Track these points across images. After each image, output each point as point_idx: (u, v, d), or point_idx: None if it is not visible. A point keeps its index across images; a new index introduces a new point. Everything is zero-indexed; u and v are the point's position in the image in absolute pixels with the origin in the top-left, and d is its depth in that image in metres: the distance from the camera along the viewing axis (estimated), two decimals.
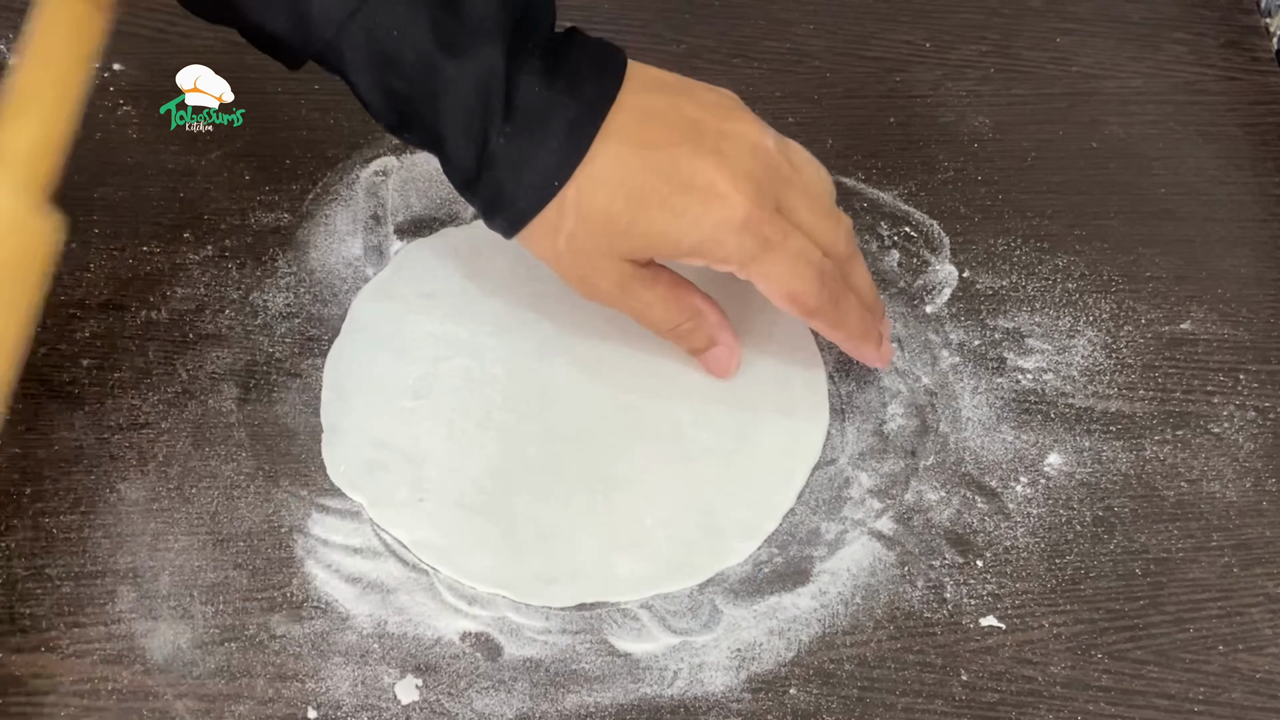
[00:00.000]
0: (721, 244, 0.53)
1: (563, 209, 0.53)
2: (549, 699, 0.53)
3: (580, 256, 0.54)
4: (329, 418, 0.60)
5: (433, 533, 0.57)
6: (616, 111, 0.53)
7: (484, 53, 0.51)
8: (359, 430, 0.59)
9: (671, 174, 0.53)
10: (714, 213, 0.53)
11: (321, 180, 0.67)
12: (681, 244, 0.53)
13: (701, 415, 0.60)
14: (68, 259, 0.63)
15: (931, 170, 0.70)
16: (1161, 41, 0.76)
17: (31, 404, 0.59)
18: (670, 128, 0.53)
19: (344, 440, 0.59)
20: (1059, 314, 0.65)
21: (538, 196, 0.53)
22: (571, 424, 0.60)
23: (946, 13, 0.77)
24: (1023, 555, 0.58)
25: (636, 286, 0.55)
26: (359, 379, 0.61)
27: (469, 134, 0.52)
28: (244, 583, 0.56)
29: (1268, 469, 0.61)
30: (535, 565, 0.56)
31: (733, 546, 0.57)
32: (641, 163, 0.53)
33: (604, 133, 0.52)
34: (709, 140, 0.53)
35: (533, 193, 0.53)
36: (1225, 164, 0.71)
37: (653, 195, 0.53)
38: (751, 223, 0.53)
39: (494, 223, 0.55)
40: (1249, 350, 0.65)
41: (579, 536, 0.57)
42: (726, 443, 0.60)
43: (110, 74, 0.70)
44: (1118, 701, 0.55)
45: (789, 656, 0.55)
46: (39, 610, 0.54)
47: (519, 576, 0.56)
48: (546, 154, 0.52)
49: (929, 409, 0.62)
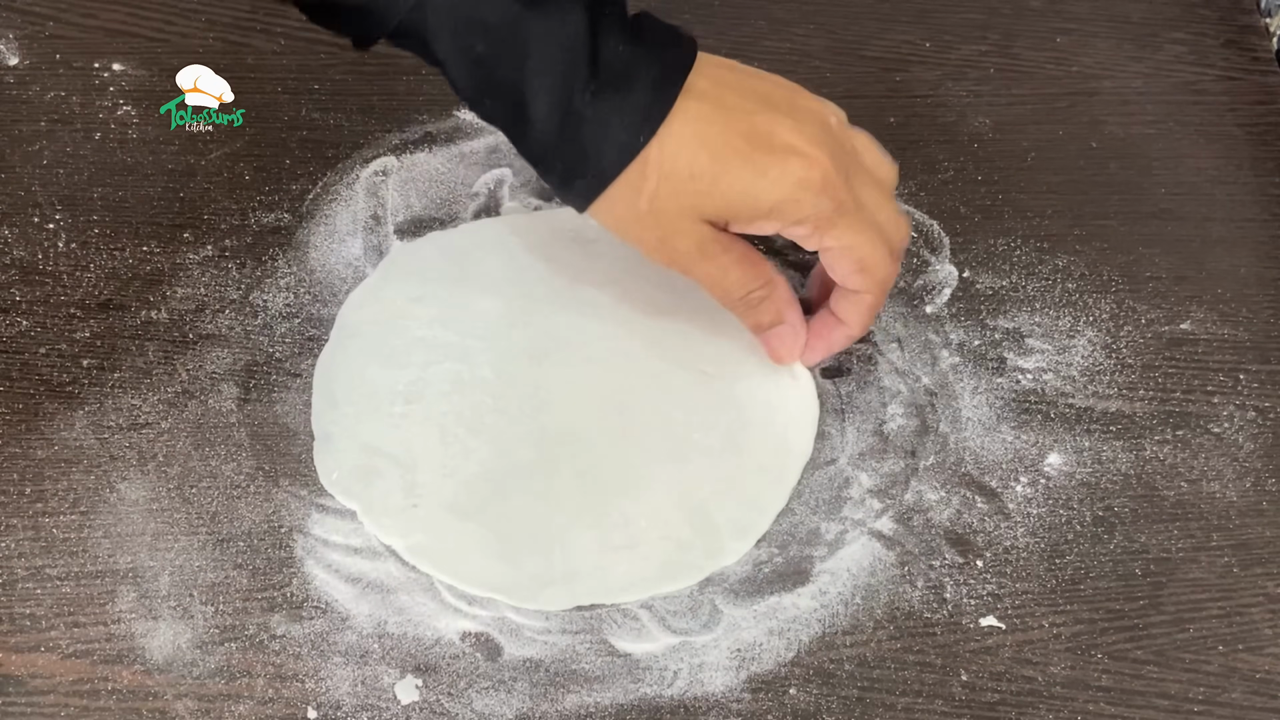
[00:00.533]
0: (800, 203, 0.54)
1: (645, 168, 0.53)
2: (549, 699, 0.53)
3: (662, 218, 0.54)
4: (320, 425, 0.59)
5: (427, 538, 0.56)
6: (696, 77, 0.54)
7: (568, 10, 0.52)
8: (350, 437, 0.59)
9: (752, 134, 0.53)
10: (794, 171, 0.53)
11: (321, 180, 0.67)
12: (762, 202, 0.54)
13: (693, 415, 0.60)
14: (68, 259, 0.64)
15: (931, 170, 0.70)
16: (1161, 41, 0.76)
17: (31, 404, 0.59)
18: (745, 95, 0.54)
19: (336, 447, 0.59)
20: (1059, 314, 0.65)
21: (622, 154, 0.53)
22: (563, 426, 0.60)
23: (946, 13, 0.77)
24: (1023, 555, 0.58)
25: (715, 249, 0.55)
26: (348, 386, 0.60)
27: (554, 94, 0.52)
28: (244, 583, 0.56)
29: (1268, 469, 0.61)
30: (530, 568, 0.56)
31: (727, 546, 0.57)
32: (723, 122, 0.53)
33: (686, 92, 0.53)
34: (783, 107, 0.54)
35: (617, 150, 0.53)
36: (1225, 164, 0.71)
37: (735, 154, 0.53)
38: (830, 185, 0.54)
39: (573, 189, 0.55)
40: (1249, 350, 0.65)
41: (573, 539, 0.57)
42: (718, 442, 0.60)
43: (110, 74, 0.70)
44: (1118, 701, 0.55)
45: (789, 656, 0.55)
46: (39, 610, 0.54)
47: (514, 580, 0.56)
48: (631, 110, 0.53)
49: (929, 409, 0.62)
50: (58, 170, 0.66)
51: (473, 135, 0.68)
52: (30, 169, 0.66)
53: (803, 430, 0.60)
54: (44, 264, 0.63)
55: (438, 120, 0.69)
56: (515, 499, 0.58)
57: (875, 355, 0.63)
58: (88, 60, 0.70)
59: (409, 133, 0.69)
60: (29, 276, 0.63)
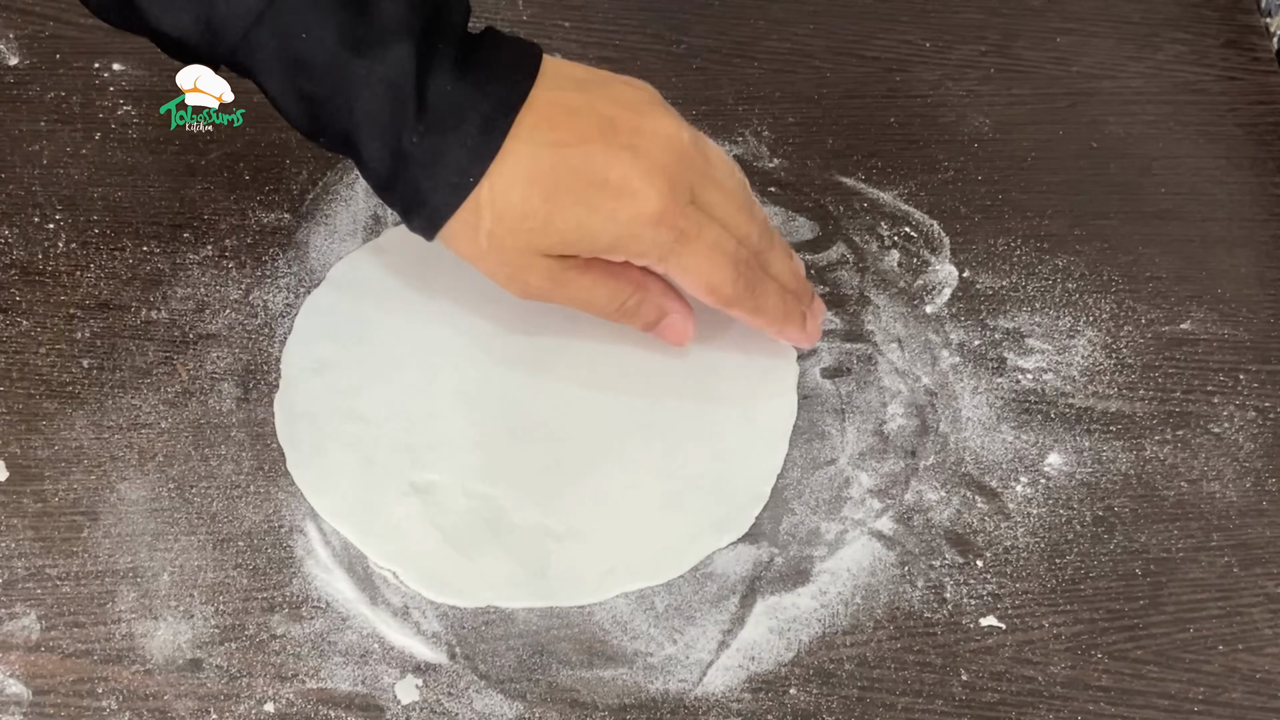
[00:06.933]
0: (638, 238, 0.53)
1: (478, 207, 0.53)
2: (549, 699, 0.53)
3: (504, 255, 0.54)
4: (295, 466, 0.59)
5: (412, 563, 0.56)
6: (529, 109, 0.53)
7: (393, 52, 0.51)
8: (326, 465, 0.59)
9: (584, 170, 0.53)
10: (628, 208, 0.53)
11: (321, 180, 0.67)
12: (599, 239, 0.53)
13: (667, 410, 0.60)
14: (68, 259, 0.64)
15: (931, 170, 0.70)
16: (1161, 41, 0.76)
17: (31, 404, 0.59)
18: (584, 124, 0.53)
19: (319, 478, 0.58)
20: (1059, 314, 0.65)
21: (453, 194, 0.53)
22: (538, 429, 0.60)
23: (946, 13, 0.77)
24: (1023, 555, 0.58)
25: (569, 275, 0.55)
26: (310, 425, 0.60)
27: (382, 135, 0.52)
28: (244, 583, 0.56)
29: (1268, 469, 0.61)
30: (517, 573, 0.56)
31: (710, 539, 0.57)
32: (555, 159, 0.53)
33: (516, 130, 0.52)
34: (622, 136, 0.53)
35: (448, 190, 0.53)
36: (1225, 164, 0.71)
37: (567, 191, 0.53)
38: (666, 217, 0.53)
39: (413, 224, 0.55)
40: (1249, 350, 0.65)
41: (557, 539, 0.57)
42: (695, 437, 0.60)
43: (110, 74, 0.70)
44: (1118, 701, 0.55)
45: (789, 656, 0.55)
46: (39, 610, 0.54)
47: (506, 586, 0.56)
48: (460, 151, 0.52)
49: (929, 409, 0.62)
50: (58, 170, 0.66)
51: None
52: (30, 169, 0.66)
53: (780, 422, 0.60)
54: (44, 264, 0.63)
55: None
56: (498, 507, 0.58)
57: (875, 355, 0.63)
58: (88, 60, 0.70)
59: None
60: (29, 276, 0.63)
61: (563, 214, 0.53)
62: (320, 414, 0.60)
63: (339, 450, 0.59)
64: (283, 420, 0.59)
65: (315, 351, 0.61)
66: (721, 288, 0.55)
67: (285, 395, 0.60)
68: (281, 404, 0.60)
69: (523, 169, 0.52)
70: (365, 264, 0.64)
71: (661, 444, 0.60)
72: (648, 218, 0.53)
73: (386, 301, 0.63)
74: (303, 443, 0.59)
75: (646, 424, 0.60)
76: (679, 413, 0.60)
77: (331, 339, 0.62)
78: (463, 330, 0.62)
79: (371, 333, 0.62)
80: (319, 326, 0.62)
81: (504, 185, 0.52)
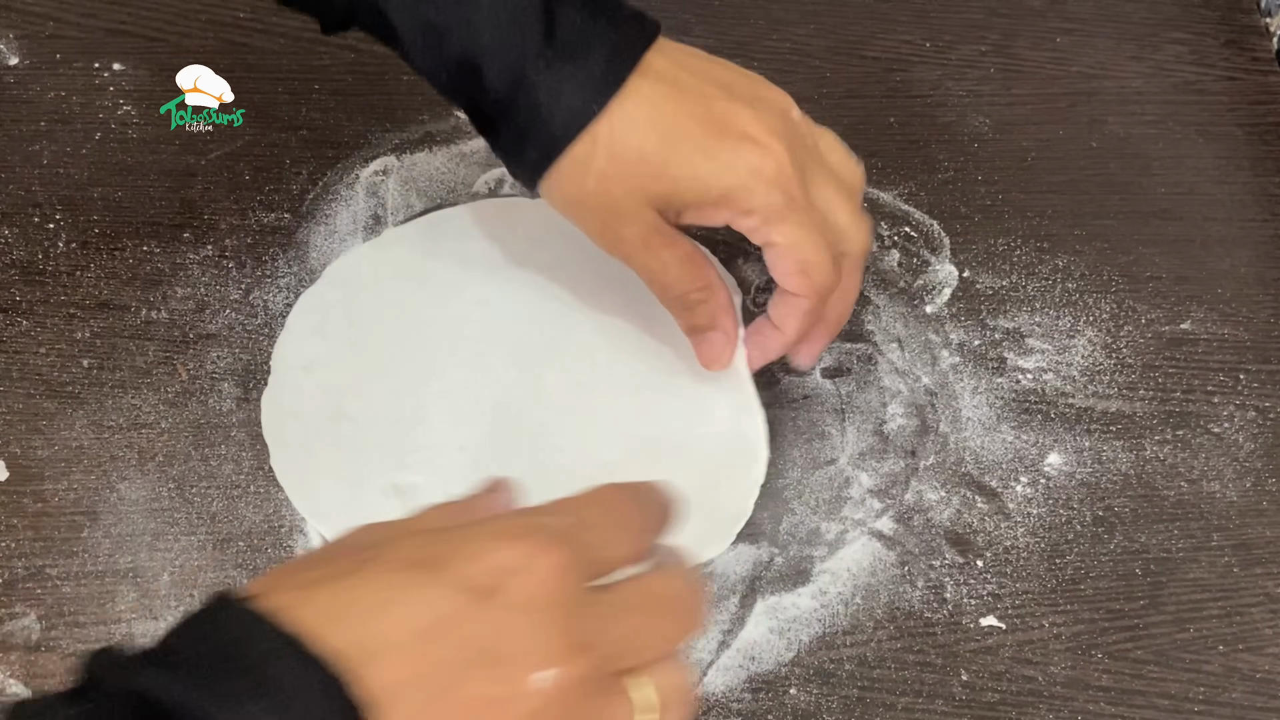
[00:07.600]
0: (751, 192, 0.52)
1: (595, 144, 0.52)
2: None
3: (608, 200, 0.53)
4: (279, 463, 0.59)
5: None
6: (654, 55, 0.53)
7: None
8: (311, 463, 0.58)
9: (706, 118, 0.52)
10: (747, 158, 0.52)
11: (321, 180, 0.67)
12: (712, 188, 0.52)
13: (653, 421, 0.60)
14: (68, 259, 0.64)
15: (931, 170, 0.70)
16: (1161, 41, 0.76)
17: (31, 404, 0.59)
18: (705, 80, 0.53)
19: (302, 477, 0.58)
20: (1059, 314, 0.65)
21: (573, 120, 0.52)
22: (523, 436, 0.59)
23: (946, 13, 0.77)
24: (1023, 555, 0.58)
25: (659, 242, 0.54)
26: (296, 423, 0.59)
27: (507, 60, 0.51)
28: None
29: (1268, 469, 0.61)
30: None
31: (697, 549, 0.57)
32: (677, 104, 0.52)
33: (641, 70, 0.52)
34: (743, 95, 0.53)
35: (568, 115, 0.52)
36: (1225, 164, 0.71)
37: (686, 137, 0.52)
38: (784, 177, 0.52)
39: (523, 159, 0.54)
40: (1249, 350, 0.65)
41: None
42: (679, 447, 0.59)
43: (110, 74, 0.70)
44: (1118, 701, 0.55)
45: (789, 656, 0.55)
46: (39, 610, 0.54)
47: None
48: (585, 78, 0.51)
49: (929, 409, 0.62)
50: (58, 170, 0.66)
51: (473, 135, 0.68)
52: (30, 169, 0.66)
53: (752, 431, 0.59)
54: (44, 264, 0.63)
55: (438, 120, 0.69)
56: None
57: (875, 355, 0.63)
58: (88, 60, 0.70)
59: (409, 133, 0.68)
60: (29, 276, 0.63)
61: (680, 158, 0.52)
62: (307, 412, 0.60)
63: (324, 449, 0.59)
64: (269, 417, 0.59)
65: (306, 349, 0.61)
66: (814, 270, 0.54)
67: (274, 392, 0.60)
68: (269, 401, 0.60)
69: (643, 110, 0.52)
70: (362, 262, 0.64)
71: (647, 456, 0.59)
72: (766, 173, 0.52)
73: (381, 301, 0.63)
74: (288, 441, 0.59)
75: (632, 434, 0.60)
76: (665, 425, 0.60)
77: (323, 337, 0.62)
78: (454, 333, 0.62)
79: (363, 332, 0.62)
80: (312, 324, 0.62)
81: (623, 124, 0.52)
